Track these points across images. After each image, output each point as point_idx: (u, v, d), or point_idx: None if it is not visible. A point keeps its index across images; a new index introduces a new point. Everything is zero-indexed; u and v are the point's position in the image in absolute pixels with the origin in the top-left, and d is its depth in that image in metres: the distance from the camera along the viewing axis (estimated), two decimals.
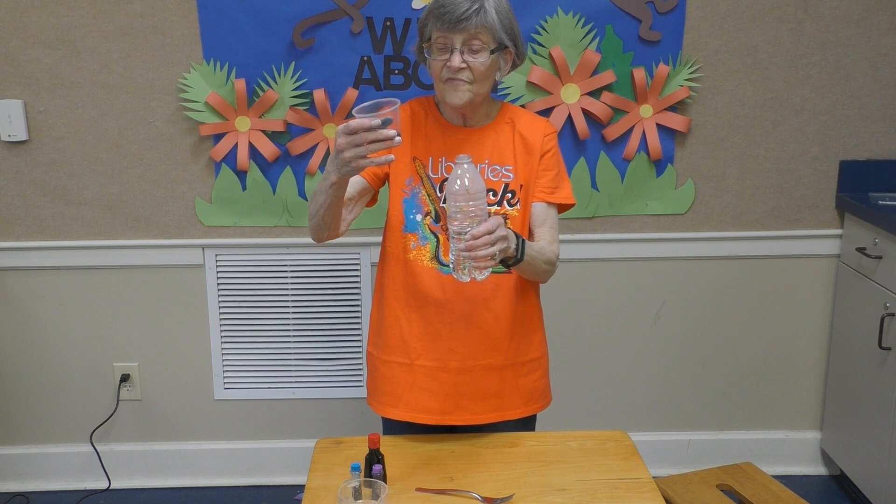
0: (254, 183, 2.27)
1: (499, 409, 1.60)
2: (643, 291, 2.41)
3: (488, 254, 1.31)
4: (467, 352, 1.57)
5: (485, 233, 1.30)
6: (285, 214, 2.29)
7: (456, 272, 1.37)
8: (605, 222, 2.35)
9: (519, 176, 1.57)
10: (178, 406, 2.44)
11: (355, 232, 2.31)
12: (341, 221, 1.52)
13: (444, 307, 1.55)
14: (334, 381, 2.42)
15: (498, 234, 1.32)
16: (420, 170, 1.56)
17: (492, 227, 1.31)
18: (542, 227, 1.57)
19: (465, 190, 1.30)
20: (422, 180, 1.56)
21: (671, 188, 2.33)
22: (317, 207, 1.47)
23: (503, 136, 1.58)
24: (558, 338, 2.38)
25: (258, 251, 2.33)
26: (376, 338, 1.65)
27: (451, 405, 1.58)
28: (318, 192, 1.46)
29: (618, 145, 2.28)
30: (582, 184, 2.30)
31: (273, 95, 2.19)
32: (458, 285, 1.51)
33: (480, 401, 1.58)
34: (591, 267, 2.38)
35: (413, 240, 1.56)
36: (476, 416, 1.59)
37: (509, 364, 1.60)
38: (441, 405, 1.58)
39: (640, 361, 2.46)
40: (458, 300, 1.54)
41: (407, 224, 1.57)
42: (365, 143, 1.29)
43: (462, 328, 1.56)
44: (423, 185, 1.56)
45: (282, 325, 2.38)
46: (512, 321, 1.58)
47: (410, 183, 1.57)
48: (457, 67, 1.46)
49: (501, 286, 1.57)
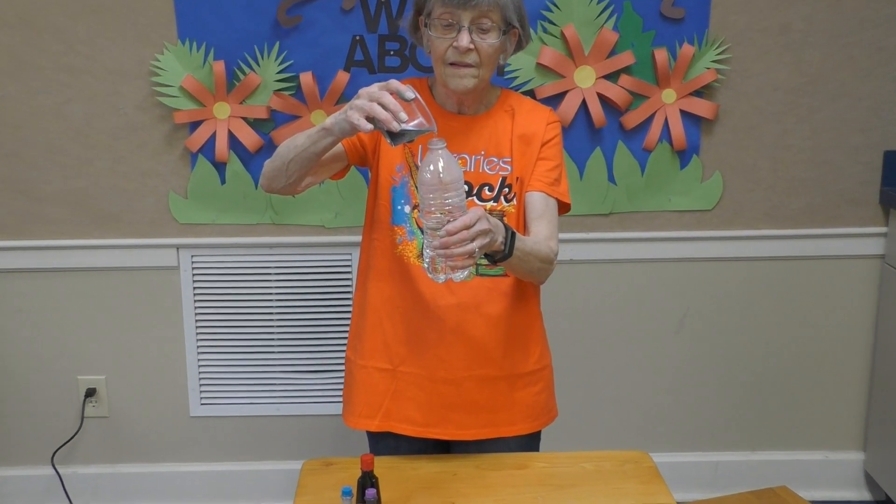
0: (234, 176, 2.26)
1: (492, 425, 1.60)
2: (665, 296, 2.40)
3: (465, 251, 1.29)
4: (457, 361, 1.56)
5: (461, 227, 1.28)
6: (269, 211, 2.29)
7: (431, 272, 1.36)
8: (623, 219, 2.34)
9: (516, 168, 1.56)
10: (150, 424, 2.44)
11: (346, 231, 2.31)
12: (305, 178, 1.53)
13: (433, 311, 1.55)
14: (323, 395, 2.41)
15: (477, 229, 1.30)
16: (409, 157, 1.56)
17: (470, 220, 1.29)
18: (539, 220, 1.56)
19: (439, 179, 1.28)
20: (410, 169, 1.56)
21: (697, 181, 2.32)
22: (290, 150, 1.47)
23: (501, 125, 1.58)
24: (570, 347, 2.38)
25: (239, 252, 2.33)
26: (356, 341, 1.65)
27: (437, 417, 1.58)
28: (300, 136, 1.47)
29: (637, 134, 2.28)
30: (598, 177, 2.29)
31: (255, 79, 2.19)
32: (449, 287, 1.51)
33: (470, 414, 1.58)
34: (607, 269, 2.37)
35: (400, 233, 1.57)
36: (464, 430, 1.59)
37: (504, 376, 1.59)
38: (425, 416, 1.58)
39: (661, 373, 2.45)
40: (448, 304, 1.54)
41: (395, 215, 1.57)
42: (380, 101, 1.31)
43: (451, 335, 1.55)
44: (411, 175, 1.56)
45: (265, 333, 2.38)
46: (508, 329, 1.58)
47: (400, 170, 1.57)
48: (465, 48, 1.46)
49: (496, 289, 1.56)
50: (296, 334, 2.38)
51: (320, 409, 2.42)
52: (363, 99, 1.33)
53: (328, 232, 2.32)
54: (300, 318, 2.38)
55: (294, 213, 2.30)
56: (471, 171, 1.56)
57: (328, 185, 2.26)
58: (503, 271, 1.56)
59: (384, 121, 1.30)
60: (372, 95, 1.33)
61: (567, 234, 2.27)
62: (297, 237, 2.32)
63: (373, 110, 1.31)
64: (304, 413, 2.43)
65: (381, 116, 1.31)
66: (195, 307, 2.36)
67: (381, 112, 1.31)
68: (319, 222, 2.31)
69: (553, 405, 1.70)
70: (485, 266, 1.54)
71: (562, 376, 1.83)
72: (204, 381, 2.41)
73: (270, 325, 2.37)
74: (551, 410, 1.69)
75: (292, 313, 2.37)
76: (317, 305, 2.37)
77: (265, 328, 2.37)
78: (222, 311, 2.37)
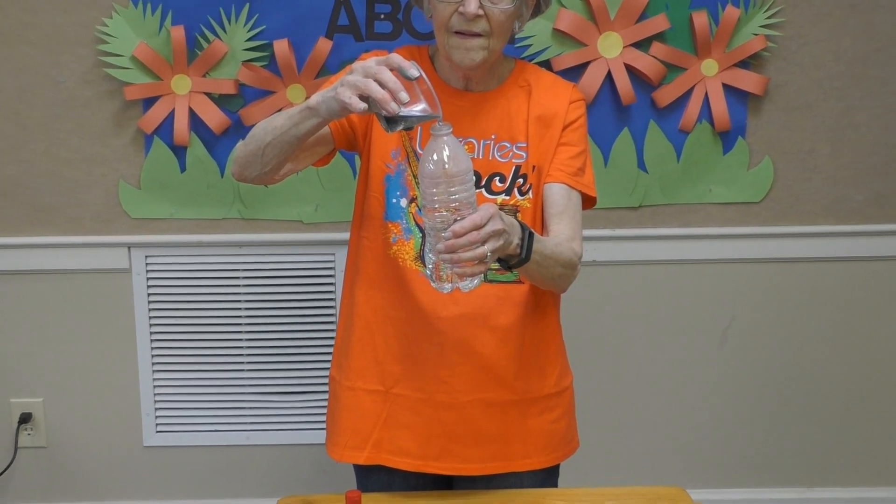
0: (196, 162, 2.26)
1: (503, 458, 1.61)
2: (705, 305, 2.41)
3: (475, 256, 1.29)
4: (460, 382, 1.57)
5: (471, 228, 1.28)
6: (237, 204, 2.29)
7: (435, 280, 1.36)
8: (655, 213, 2.34)
9: (532, 155, 1.57)
10: (96, 455, 2.43)
11: (329, 227, 2.31)
12: (284, 165, 1.53)
13: (432, 323, 1.55)
14: (302, 421, 2.41)
15: (489, 230, 1.30)
16: (406, 142, 1.56)
17: (480, 219, 1.29)
18: (559, 217, 1.56)
19: (443, 170, 1.28)
20: (407, 155, 1.56)
21: (742, 168, 2.32)
22: (267, 132, 1.47)
23: (515, 104, 1.58)
24: (593, 365, 2.37)
25: (202, 252, 2.33)
26: (341, 358, 1.66)
27: (437, 449, 1.58)
28: (279, 116, 1.47)
29: (673, 113, 2.28)
30: (625, 163, 2.29)
31: (221, 48, 2.18)
32: (452, 295, 1.50)
33: (476, 446, 1.59)
34: (635, 272, 2.37)
35: (395, 231, 1.57)
36: (470, 464, 1.59)
37: (517, 400, 1.60)
38: (423, 448, 1.59)
39: (701, 396, 2.45)
40: (451, 315, 1.55)
41: (388, 210, 1.57)
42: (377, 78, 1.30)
43: (455, 351, 1.56)
44: (408, 163, 1.56)
45: (233, 348, 2.38)
46: (521, 344, 1.59)
47: (396, 157, 1.57)
48: (473, 14, 1.46)
49: (509, 298, 1.57)
50: (270, 350, 2.38)
51: (298, 437, 2.42)
52: (357, 75, 1.32)
53: (308, 228, 2.32)
54: (275, 330, 2.37)
55: (267, 206, 2.30)
56: (479, 158, 1.56)
57: (308, 172, 2.25)
58: (516, 276, 1.56)
59: (381, 101, 1.29)
60: (368, 71, 1.32)
61: (589, 230, 2.25)
62: (270, 234, 2.32)
63: (368, 88, 1.30)
64: (279, 442, 2.42)
65: (378, 96, 1.29)
66: (150, 317, 2.36)
67: (377, 90, 1.29)
68: (297, 217, 2.31)
69: (574, 434, 1.70)
70: (495, 271, 1.54)
71: (584, 400, 1.83)
72: (160, 404, 2.41)
73: (239, 338, 2.37)
74: (572, 441, 1.69)
75: (266, 325, 2.37)
76: (295, 316, 2.37)
77: (233, 342, 2.37)
78: (182, 322, 2.37)
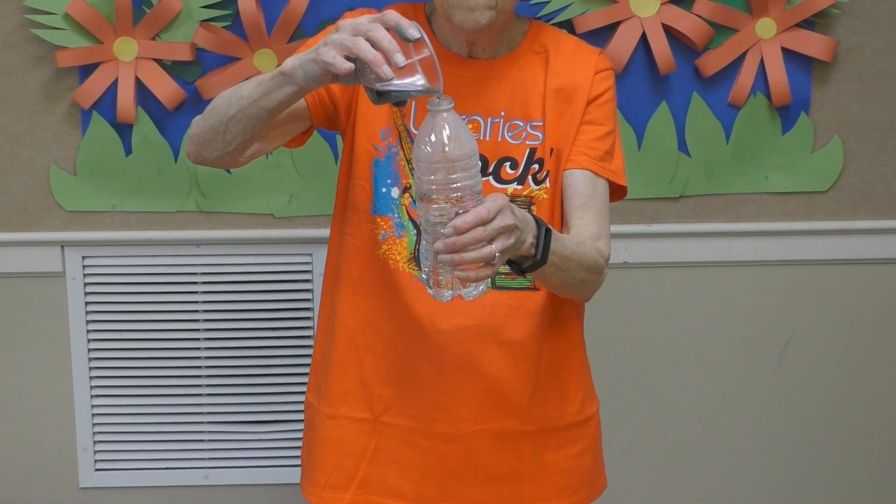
0: (144, 144, 2.26)
1: (514, 499, 1.63)
2: (761, 315, 2.41)
3: (481, 257, 1.28)
4: (464, 409, 1.59)
5: (476, 223, 1.27)
6: (194, 193, 2.30)
7: (432, 286, 1.36)
8: (700, 205, 2.34)
9: (550, 136, 1.57)
10: (23, 499, 2.42)
11: (306, 222, 2.31)
12: (251, 144, 1.53)
13: (430, 337, 1.56)
14: (271, 456, 2.42)
15: (498, 225, 1.28)
16: (398, 120, 1.57)
17: (487, 212, 1.27)
18: (583, 210, 1.57)
19: (443, 154, 1.28)
20: (399, 136, 1.57)
21: (806, 151, 2.32)
22: (232, 103, 1.47)
23: (530, 74, 1.60)
24: (622, 389, 2.37)
25: (151, 252, 2.33)
26: (319, 379, 1.67)
27: (436, 489, 1.60)
28: (247, 84, 1.46)
29: (721, 83, 2.28)
30: (663, 145, 2.29)
31: (174, 5, 2.19)
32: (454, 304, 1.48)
33: (483, 486, 1.61)
34: (675, 276, 2.38)
35: (385, 227, 1.58)
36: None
37: (532, 431, 1.62)
38: (419, 488, 1.60)
39: (754, 425, 2.45)
40: (453, 327, 1.56)
41: (377, 201, 1.58)
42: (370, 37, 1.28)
43: (457, 372, 1.57)
44: (401, 145, 1.57)
45: (189, 368, 2.38)
46: (537, 363, 1.60)
47: (386, 137, 1.58)
48: None
49: (522, 308, 1.58)
50: (234, 370, 2.38)
51: (268, 475, 2.42)
52: (345, 33, 1.31)
53: (280, 224, 2.32)
54: (240, 346, 2.38)
55: (231, 196, 2.30)
56: (486, 139, 1.57)
57: (282, 155, 2.26)
58: (530, 282, 1.57)
59: (372, 62, 1.27)
60: (358, 28, 1.30)
61: (619, 226, 2.27)
62: (235, 231, 2.32)
63: (357, 47, 1.28)
64: (244, 482, 2.43)
65: (369, 56, 1.27)
66: (88, 331, 2.36)
67: (368, 50, 1.27)
68: (267, 210, 2.31)
69: (601, 472, 1.71)
70: (504, 276, 1.56)
71: (612, 431, 1.86)
72: (101, 436, 2.41)
73: (197, 356, 2.37)
74: (598, 479, 1.70)
75: (229, 340, 2.37)
76: (264, 329, 2.37)
77: (189, 361, 2.37)
78: (127, 338, 2.37)
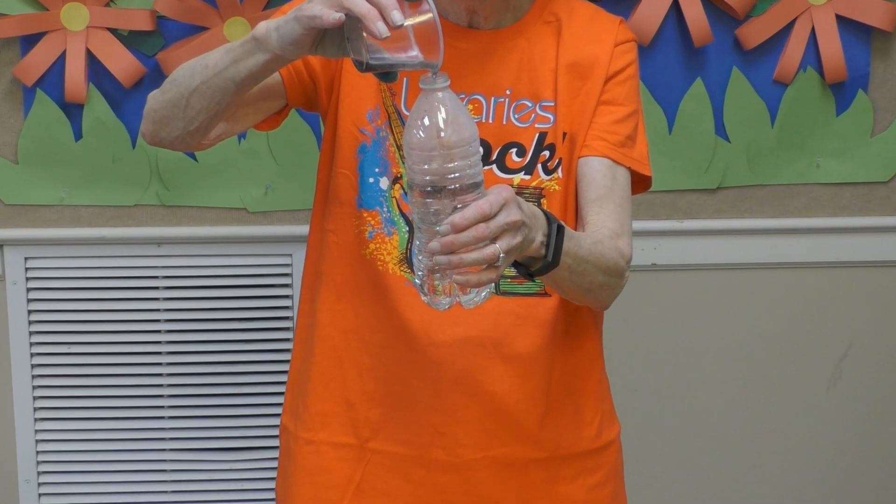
0: (97, 127, 2.27)
1: None
2: (812, 326, 2.41)
3: (483, 258, 1.26)
4: (464, 433, 1.58)
5: (477, 218, 1.25)
6: (155, 184, 2.30)
7: (427, 292, 1.35)
8: (741, 198, 2.35)
9: (562, 118, 1.57)
10: None
11: (283, 218, 2.32)
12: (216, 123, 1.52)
13: (425, 350, 1.56)
14: (241, 489, 2.41)
15: (502, 221, 1.27)
16: (388, 99, 1.57)
17: (489, 207, 1.26)
18: (600, 204, 1.57)
19: (438, 140, 1.28)
20: (389, 118, 1.57)
21: (864, 135, 2.33)
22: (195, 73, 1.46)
23: (539, 47, 1.60)
24: (648, 410, 2.38)
25: (105, 252, 2.34)
26: (297, 399, 1.67)
27: None
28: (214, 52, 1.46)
29: (765, 57, 2.29)
30: (698, 128, 2.29)
31: None
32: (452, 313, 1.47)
33: None
34: (712, 280, 2.38)
35: (372, 223, 1.58)
36: None
37: (543, 459, 1.61)
38: None
39: (805, 451, 2.45)
40: (451, 339, 1.56)
41: (363, 193, 1.58)
42: None
43: (456, 390, 1.57)
44: (391, 129, 1.57)
45: (148, 384, 2.38)
46: (549, 381, 1.60)
47: (374, 120, 1.58)
48: None
49: (530, 317, 1.58)
50: (199, 389, 2.38)
51: None
52: None
53: (255, 219, 2.33)
54: (207, 361, 2.38)
55: (197, 187, 2.31)
56: (489, 122, 1.57)
57: (256, 140, 2.26)
58: (540, 287, 1.57)
59: (365, 16, 1.25)
60: None
61: (646, 222, 2.28)
62: (201, 228, 2.33)
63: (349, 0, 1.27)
64: None
65: (361, 9, 1.26)
66: (31, 343, 2.36)
67: (360, 4, 1.26)
68: (240, 203, 2.32)
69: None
70: (510, 280, 1.56)
71: (637, 457, 1.86)
72: (45, 466, 2.41)
73: (158, 372, 2.38)
74: None
75: (194, 353, 2.37)
76: (235, 341, 2.37)
77: (149, 378, 2.38)
78: (77, 351, 2.37)
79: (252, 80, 1.45)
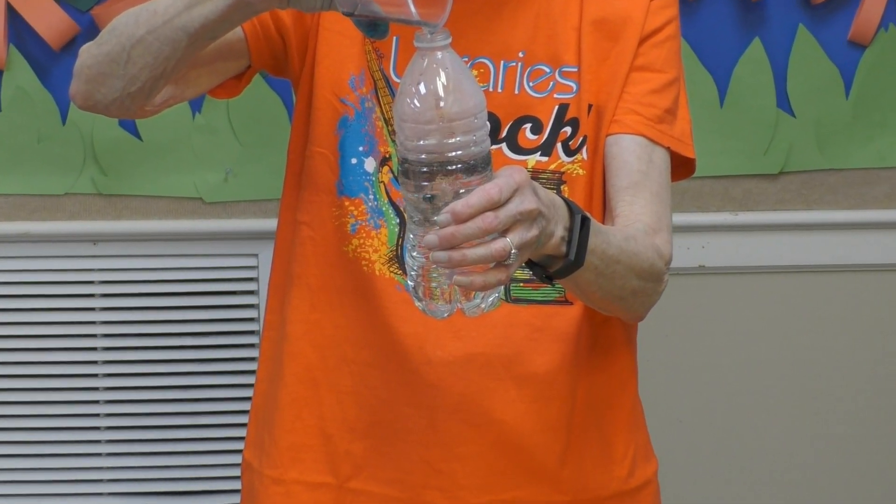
0: (20, 98, 2.29)
1: None
2: (891, 338, 2.43)
3: (491, 255, 1.24)
4: (467, 472, 1.58)
5: (483, 206, 1.23)
6: (90, 167, 2.32)
7: (422, 297, 1.34)
8: (807, 186, 2.37)
9: (588, 87, 1.58)
10: None
11: (246, 208, 2.34)
12: (163, 84, 1.51)
13: (419, 370, 1.57)
14: None
15: (513, 210, 1.25)
16: (374, 63, 1.58)
17: (498, 192, 1.24)
18: (634, 192, 1.56)
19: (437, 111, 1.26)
20: (375, 85, 1.58)
21: None
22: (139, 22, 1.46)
23: (558, 5, 1.60)
24: (692, 441, 2.40)
25: (30, 251, 2.35)
26: (262, 430, 1.67)
27: None
28: None
29: (838, 13, 2.30)
30: (755, 101, 2.32)
31: None
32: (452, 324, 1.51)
33: None
34: (774, 285, 2.40)
35: (356, 213, 1.59)
36: None
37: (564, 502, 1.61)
38: None
39: (882, 486, 2.47)
40: (451, 356, 1.56)
41: (344, 177, 1.59)
42: None
43: (457, 419, 1.57)
44: (378, 98, 1.58)
45: (82, 413, 2.39)
46: (571, 408, 1.60)
47: (357, 87, 1.59)
48: None
49: (549, 329, 1.59)
50: (143, 419, 2.39)
51: None
52: None
53: (212, 211, 2.36)
54: (153, 385, 2.39)
55: (142, 171, 2.33)
56: (498, 91, 1.58)
57: (213, 113, 2.28)
58: (561, 293, 1.58)
59: None
60: None
61: (692, 214, 2.31)
62: (147, 221, 2.35)
63: None
64: None
65: None
66: None
67: None
68: (194, 192, 2.35)
69: None
70: (523, 284, 1.57)
71: (678, 500, 1.88)
72: None
73: (94, 397, 2.39)
74: None
75: (135, 376, 2.39)
76: (187, 360, 2.39)
77: (83, 405, 2.39)
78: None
79: (208, 33, 1.44)
